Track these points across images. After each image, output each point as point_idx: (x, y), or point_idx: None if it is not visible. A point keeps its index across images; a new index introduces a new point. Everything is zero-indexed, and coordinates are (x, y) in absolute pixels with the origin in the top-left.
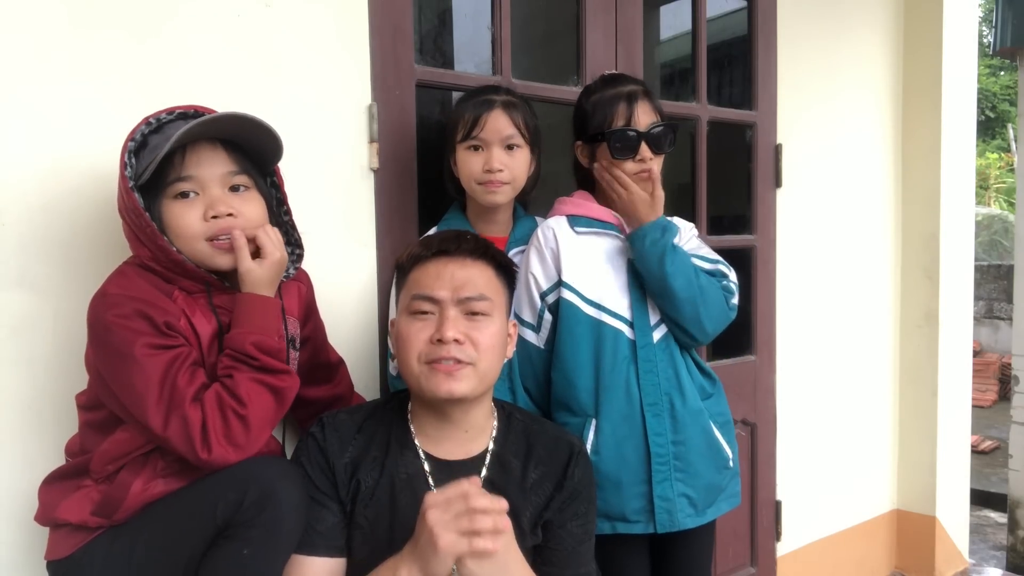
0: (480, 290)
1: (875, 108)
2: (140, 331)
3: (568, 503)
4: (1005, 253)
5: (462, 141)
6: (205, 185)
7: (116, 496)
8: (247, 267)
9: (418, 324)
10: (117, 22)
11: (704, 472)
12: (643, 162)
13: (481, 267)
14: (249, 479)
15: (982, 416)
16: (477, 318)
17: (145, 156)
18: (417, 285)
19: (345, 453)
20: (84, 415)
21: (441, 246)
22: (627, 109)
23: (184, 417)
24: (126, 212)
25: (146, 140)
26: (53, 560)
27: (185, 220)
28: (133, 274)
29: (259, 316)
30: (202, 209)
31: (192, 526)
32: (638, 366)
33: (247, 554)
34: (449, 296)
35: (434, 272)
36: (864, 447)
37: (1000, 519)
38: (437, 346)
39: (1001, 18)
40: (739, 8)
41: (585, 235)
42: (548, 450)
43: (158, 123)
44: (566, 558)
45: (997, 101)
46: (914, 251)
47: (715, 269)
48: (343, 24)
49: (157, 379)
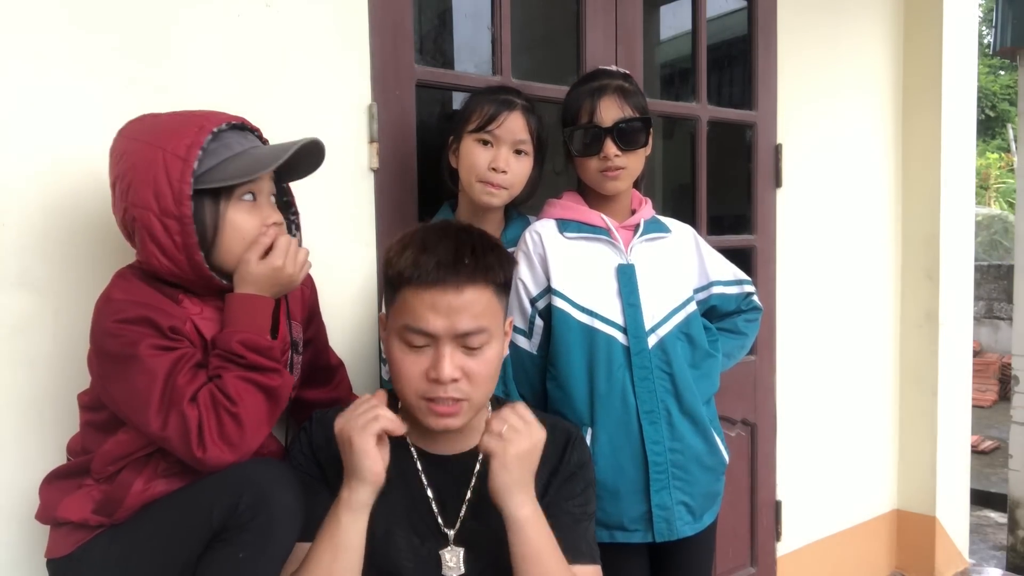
0: (478, 322)
1: (875, 108)
2: (145, 334)
3: (564, 484)
4: (1005, 253)
5: (474, 131)
6: (261, 192)
7: (117, 495)
8: (246, 260)
9: (412, 357)
10: (117, 22)
11: (702, 479)
12: (607, 160)
13: (479, 291)
14: (244, 483)
15: (982, 416)
16: (474, 351)
17: (205, 159)
18: (411, 314)
19: (332, 445)
20: (86, 415)
21: (437, 274)
22: (590, 104)
23: (182, 415)
24: (160, 221)
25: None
26: (53, 559)
27: (250, 224)
28: (136, 278)
29: (247, 315)
30: (262, 216)
31: (188, 528)
32: (633, 373)
33: (242, 558)
34: (444, 331)
35: (428, 302)
36: (864, 447)
37: (1000, 519)
38: (434, 384)
39: (1001, 18)
40: (739, 8)
41: (575, 240)
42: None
43: (217, 131)
44: (563, 535)
45: (997, 101)
46: (914, 251)
47: (741, 292)
48: (343, 24)
49: (162, 378)
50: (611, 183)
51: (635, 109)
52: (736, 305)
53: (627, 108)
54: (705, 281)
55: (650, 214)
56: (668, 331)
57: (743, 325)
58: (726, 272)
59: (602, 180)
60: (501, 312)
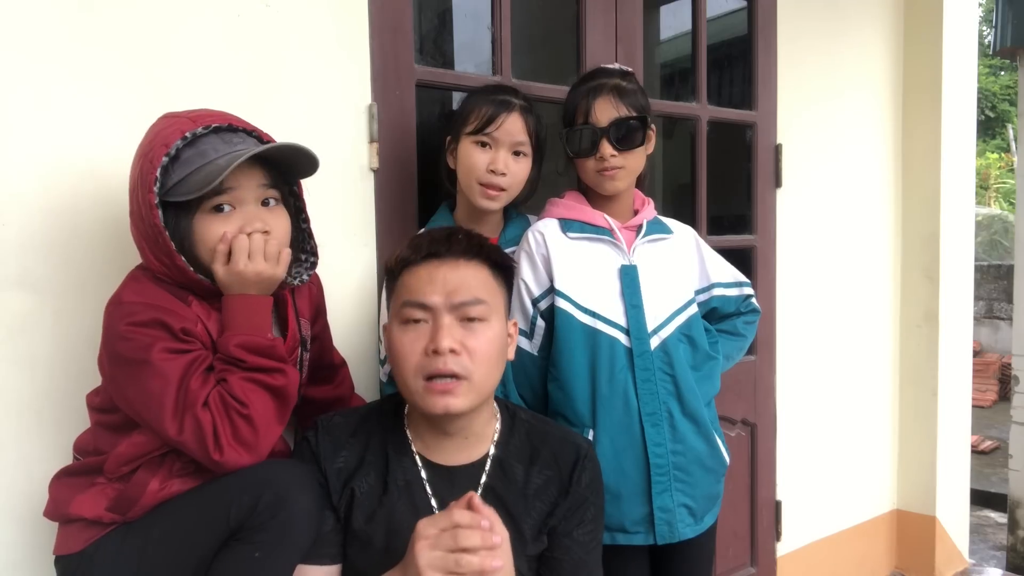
0: (475, 293)
1: (875, 108)
2: (157, 337)
3: (574, 510)
4: (1005, 253)
5: (472, 133)
6: (242, 200)
7: (133, 494)
8: (215, 269)
9: (411, 334)
10: (117, 22)
11: (704, 481)
12: (603, 160)
13: (476, 268)
14: (264, 483)
15: (982, 416)
16: (473, 324)
17: (177, 169)
18: (407, 291)
19: (338, 458)
20: (97, 416)
21: (431, 248)
22: (586, 104)
23: (196, 419)
24: (142, 223)
25: (178, 154)
26: (63, 555)
27: (209, 235)
28: (147, 280)
29: (242, 315)
30: (239, 224)
31: (204, 527)
32: (635, 375)
33: (258, 557)
34: (442, 302)
35: (425, 276)
36: (864, 447)
37: (1000, 519)
38: (433, 358)
39: (1001, 18)
40: (739, 8)
41: (578, 240)
42: (553, 452)
43: (193, 136)
44: (573, 568)
45: (997, 101)
46: (914, 251)
47: (740, 294)
48: (343, 24)
49: (175, 382)
50: (609, 183)
51: (631, 108)
52: (736, 307)
53: (623, 107)
54: (706, 283)
55: (652, 215)
56: (670, 333)
57: (742, 327)
58: (726, 274)
59: (600, 180)
60: (500, 293)
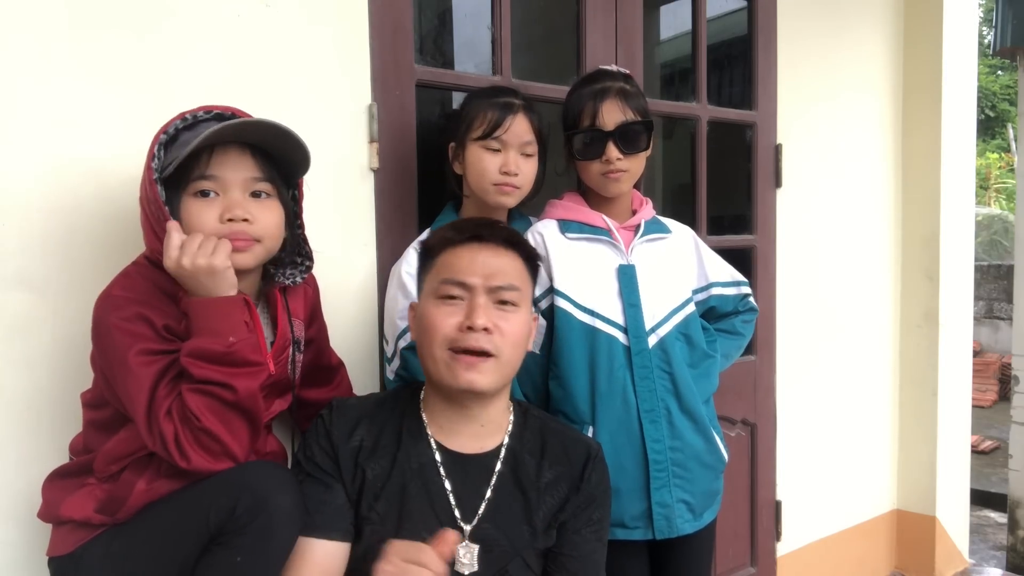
0: (510, 280)
1: (875, 108)
2: (138, 335)
3: (583, 508)
4: (1005, 253)
5: (480, 139)
6: (227, 187)
7: (120, 495)
8: (167, 266)
9: (446, 308)
10: (117, 22)
11: (702, 477)
12: (609, 163)
13: (512, 257)
14: (242, 486)
15: (982, 416)
16: (506, 308)
17: (174, 151)
18: (448, 269)
19: (352, 438)
20: (88, 413)
21: (476, 231)
22: (592, 107)
23: (160, 429)
24: (146, 203)
25: (177, 135)
26: (55, 556)
27: (201, 219)
28: (137, 275)
29: (201, 319)
30: (220, 210)
31: (186, 530)
32: (633, 372)
33: (239, 562)
34: (481, 283)
35: (467, 257)
36: (864, 447)
37: (1000, 519)
38: (466, 333)
39: (1001, 18)
40: (739, 8)
41: (576, 241)
42: (564, 449)
43: (193, 120)
44: (579, 564)
45: (997, 101)
46: (914, 251)
47: (738, 293)
48: (343, 24)
49: (147, 389)
50: (613, 185)
51: (637, 112)
52: (734, 306)
53: (629, 111)
54: (704, 282)
55: (651, 215)
56: (668, 331)
57: (740, 326)
58: (724, 273)
59: (604, 182)
60: (529, 284)
